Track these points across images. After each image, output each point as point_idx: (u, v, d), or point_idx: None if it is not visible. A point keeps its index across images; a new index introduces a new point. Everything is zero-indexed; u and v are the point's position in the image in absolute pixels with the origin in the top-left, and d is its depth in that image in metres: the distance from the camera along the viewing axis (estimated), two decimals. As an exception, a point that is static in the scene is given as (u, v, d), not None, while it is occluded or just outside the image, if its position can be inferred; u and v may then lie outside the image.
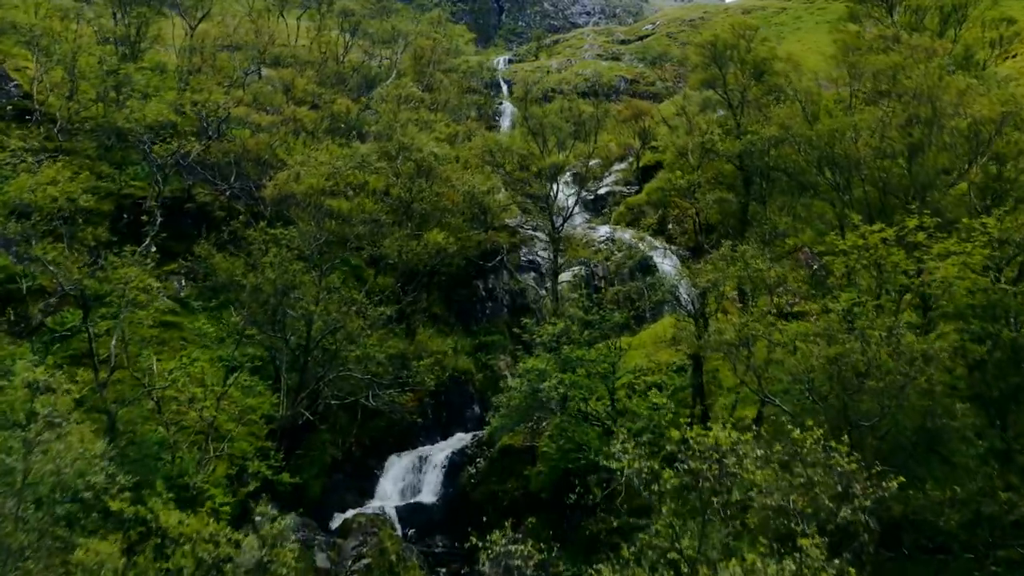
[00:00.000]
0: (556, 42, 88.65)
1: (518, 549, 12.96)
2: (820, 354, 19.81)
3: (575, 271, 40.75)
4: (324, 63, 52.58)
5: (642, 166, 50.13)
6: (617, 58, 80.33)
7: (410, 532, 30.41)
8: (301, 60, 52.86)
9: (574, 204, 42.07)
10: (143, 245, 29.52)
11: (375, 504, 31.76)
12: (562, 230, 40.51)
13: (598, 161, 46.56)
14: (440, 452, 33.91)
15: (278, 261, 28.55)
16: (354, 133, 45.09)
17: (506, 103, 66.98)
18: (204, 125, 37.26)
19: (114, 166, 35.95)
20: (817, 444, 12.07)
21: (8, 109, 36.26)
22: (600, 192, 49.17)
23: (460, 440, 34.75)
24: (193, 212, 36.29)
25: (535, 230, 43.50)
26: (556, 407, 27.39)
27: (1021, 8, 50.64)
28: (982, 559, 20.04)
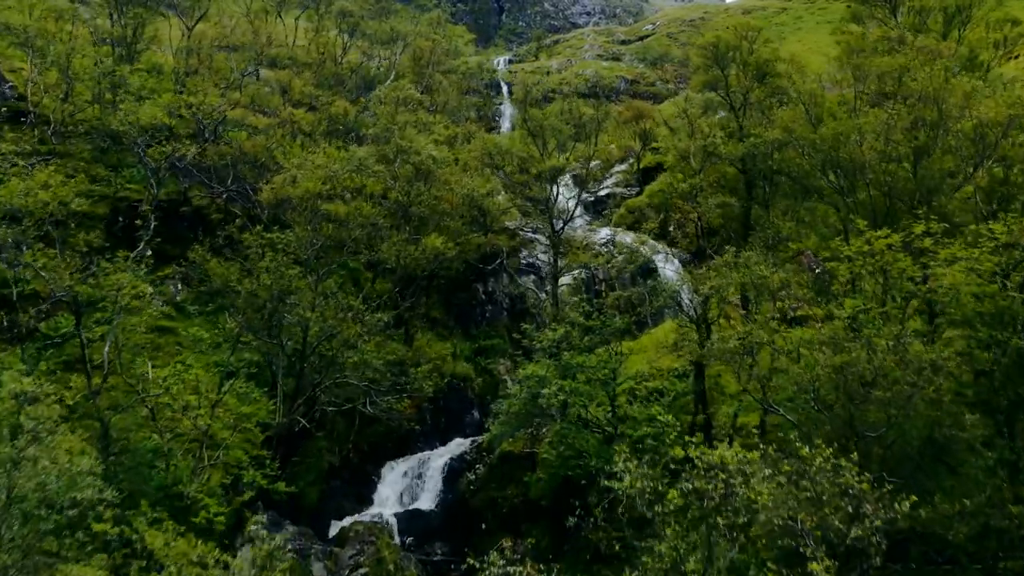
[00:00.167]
0: (556, 42, 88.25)
1: (516, 571, 12.56)
2: (826, 363, 19.41)
3: (575, 274, 40.34)
4: (322, 64, 52.10)
5: (643, 167, 49.83)
6: (617, 58, 79.98)
7: (408, 540, 30.01)
8: (299, 61, 52.40)
9: (575, 207, 41.65)
10: (137, 250, 29.11)
11: (373, 511, 31.38)
12: (562, 233, 40.11)
13: (598, 163, 46.13)
14: (439, 458, 33.52)
15: (274, 266, 28.17)
16: (352, 135, 44.63)
17: (506, 104, 66.57)
18: (200, 127, 36.88)
19: (110, 168, 35.64)
20: (826, 462, 11.68)
21: (3, 111, 35.90)
22: (601, 194, 48.79)
23: (459, 445, 34.36)
24: (189, 215, 35.97)
25: (535, 232, 43.09)
26: (556, 414, 27.02)
27: (1025, 9, 50.14)
28: (991, 571, 19.66)
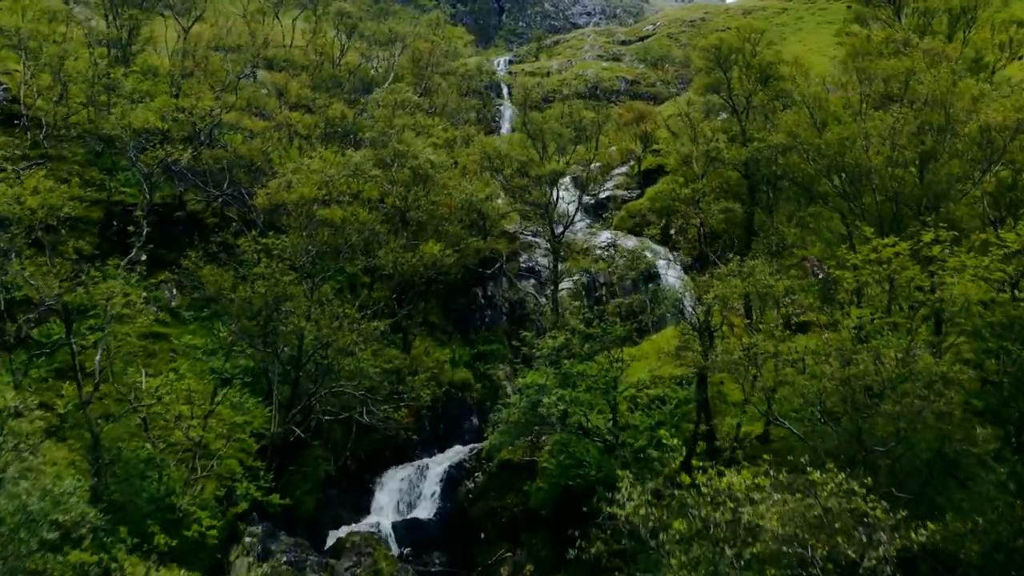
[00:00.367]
0: (556, 43, 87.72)
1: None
2: (833, 374, 18.91)
3: (576, 279, 39.87)
4: (320, 66, 51.57)
5: (643, 170, 49.38)
6: (618, 59, 79.46)
7: (406, 550, 29.57)
8: (296, 63, 51.89)
9: (575, 211, 41.18)
10: (129, 256, 28.61)
11: (370, 520, 30.90)
12: (563, 237, 39.64)
13: (599, 165, 45.65)
14: (437, 466, 33.06)
15: (269, 273, 27.69)
16: (350, 138, 44.12)
17: (506, 105, 66.07)
18: (195, 131, 36.39)
19: (104, 172, 35.13)
20: (839, 488, 11.21)
21: (-3, 114, 35.46)
22: (601, 197, 48.30)
23: (458, 453, 33.88)
24: (184, 219, 35.48)
25: (535, 236, 42.62)
26: (556, 422, 26.56)
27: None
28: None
